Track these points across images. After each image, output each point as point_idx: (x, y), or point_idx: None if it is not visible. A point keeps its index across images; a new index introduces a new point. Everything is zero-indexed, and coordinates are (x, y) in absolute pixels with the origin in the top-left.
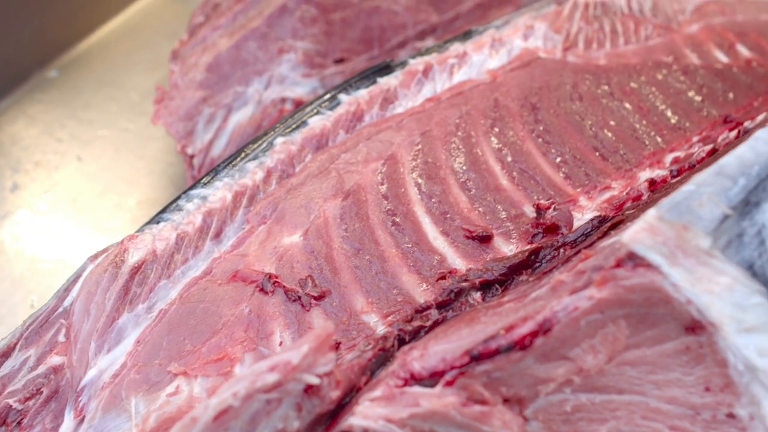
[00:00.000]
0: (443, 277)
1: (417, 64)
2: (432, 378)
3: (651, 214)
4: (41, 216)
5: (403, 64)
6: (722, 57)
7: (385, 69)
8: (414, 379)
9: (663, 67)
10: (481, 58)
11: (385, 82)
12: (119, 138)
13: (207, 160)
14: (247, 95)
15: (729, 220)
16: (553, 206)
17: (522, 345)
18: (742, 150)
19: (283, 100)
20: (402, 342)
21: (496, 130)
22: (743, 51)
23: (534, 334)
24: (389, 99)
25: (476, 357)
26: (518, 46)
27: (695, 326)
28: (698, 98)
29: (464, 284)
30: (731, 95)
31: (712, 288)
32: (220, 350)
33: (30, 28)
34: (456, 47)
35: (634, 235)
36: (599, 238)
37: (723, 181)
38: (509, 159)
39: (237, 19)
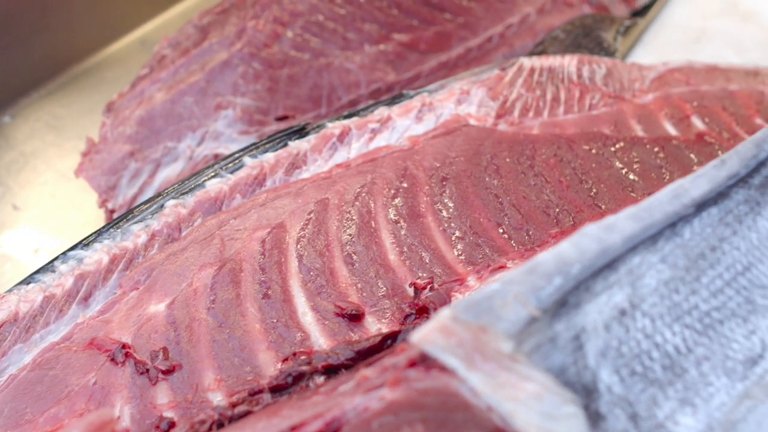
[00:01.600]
0: (287, 359)
1: (334, 127)
2: None
3: (445, 313)
4: None
5: (320, 127)
6: (672, 130)
7: (300, 131)
8: None
9: (599, 140)
10: (405, 124)
11: (296, 145)
12: (60, 187)
13: None
14: (178, 151)
15: (538, 323)
16: (429, 286)
17: None
18: (564, 246)
19: (216, 157)
20: (221, 427)
21: (397, 201)
22: (697, 124)
23: None
24: (297, 164)
25: None
26: (449, 112)
27: None
28: (630, 174)
29: (304, 368)
30: (666, 172)
31: (517, 395)
32: (57, 421)
33: None
34: (381, 111)
35: (426, 335)
36: None
37: (535, 279)
38: (403, 232)
39: (178, 73)
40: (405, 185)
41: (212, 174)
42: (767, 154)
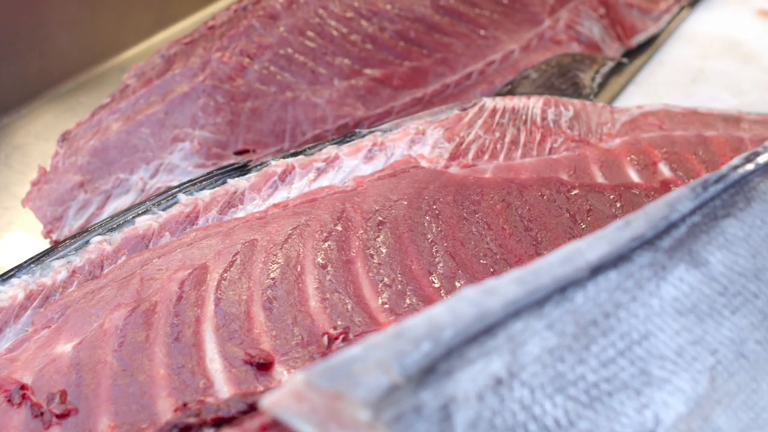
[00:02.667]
0: (177, 409)
1: (277, 165)
2: None
3: (299, 377)
4: None
5: (263, 164)
6: (635, 177)
7: (242, 168)
8: None
9: (554, 186)
10: (353, 163)
11: (234, 183)
12: (18, 215)
13: None
14: (130, 183)
15: (401, 391)
16: (342, 336)
17: None
18: (438, 310)
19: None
20: None
21: (328, 244)
22: (664, 171)
23: None
24: (233, 202)
25: None
26: (400, 153)
27: None
28: (581, 224)
29: (192, 420)
30: None
31: None
32: None
33: None
34: (329, 150)
35: (277, 400)
36: None
37: (401, 344)
38: (329, 278)
39: (138, 103)
40: (339, 228)
41: (143, 210)
42: (680, 216)
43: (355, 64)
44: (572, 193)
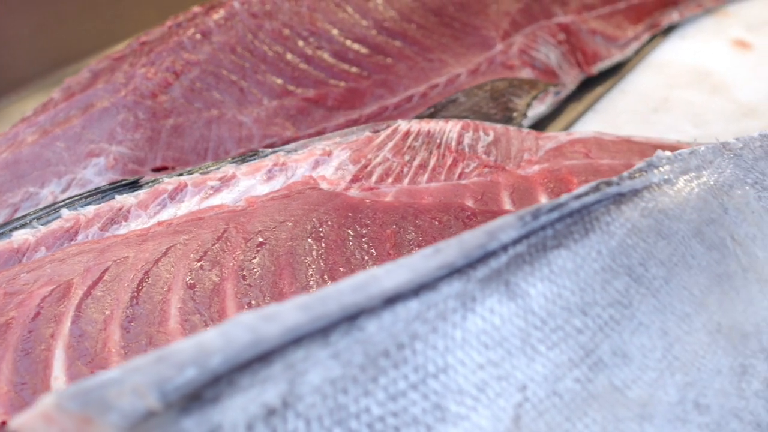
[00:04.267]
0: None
1: (168, 183)
2: None
3: (49, 399)
4: None
5: (155, 181)
6: None
7: (133, 184)
8: None
9: (454, 212)
10: (249, 183)
11: (122, 199)
12: None
13: None
14: (40, 197)
15: (159, 418)
16: None
17: None
18: (209, 335)
19: None
20: None
21: (201, 264)
22: None
23: None
24: (116, 219)
25: None
26: (301, 174)
27: None
28: None
29: None
30: None
31: None
32: None
33: None
34: (226, 169)
35: (26, 422)
36: None
37: (163, 369)
38: (194, 299)
39: (57, 117)
40: (216, 248)
41: (22, 224)
42: (500, 245)
43: (287, 83)
44: (473, 221)
